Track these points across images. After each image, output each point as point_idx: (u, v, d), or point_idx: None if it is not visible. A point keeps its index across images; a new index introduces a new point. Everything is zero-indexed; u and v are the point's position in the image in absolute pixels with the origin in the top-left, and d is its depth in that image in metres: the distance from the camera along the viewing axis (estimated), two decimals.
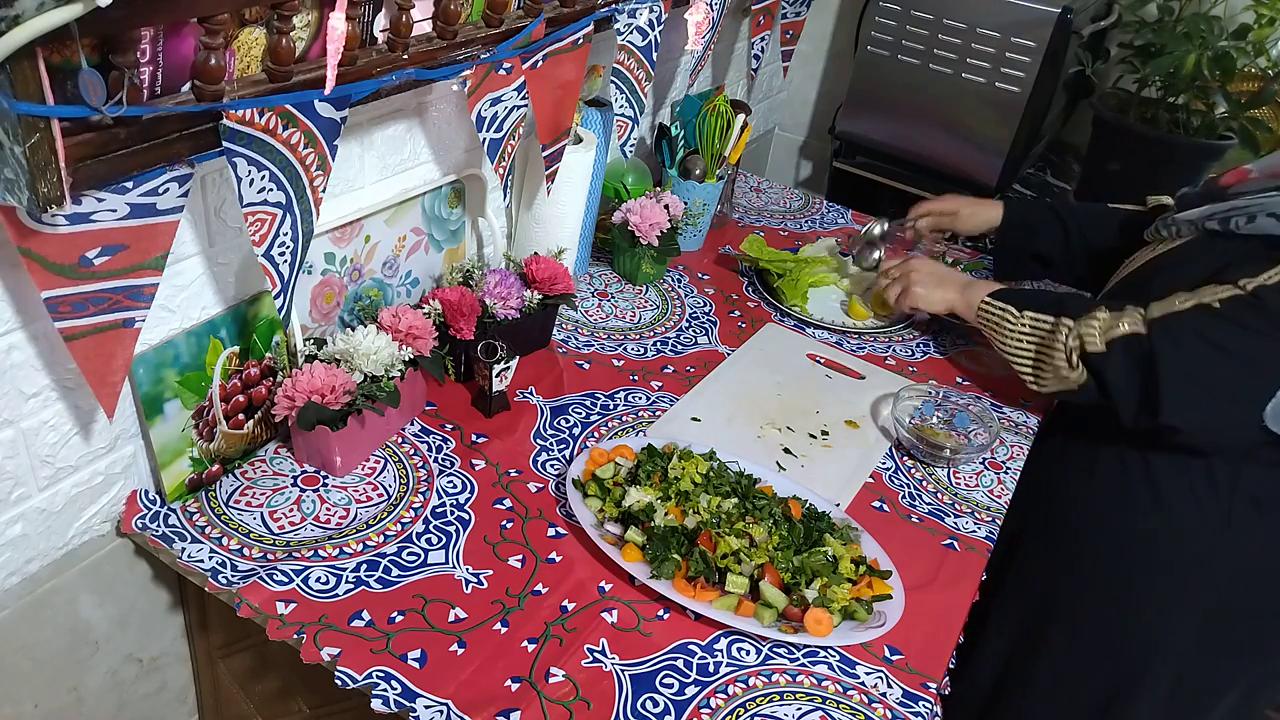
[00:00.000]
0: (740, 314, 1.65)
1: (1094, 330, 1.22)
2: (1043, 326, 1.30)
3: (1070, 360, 1.24)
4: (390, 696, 0.91)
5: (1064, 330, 1.25)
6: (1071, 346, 1.24)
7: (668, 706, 0.96)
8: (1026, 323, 1.31)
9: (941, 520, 1.26)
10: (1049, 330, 1.28)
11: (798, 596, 1.05)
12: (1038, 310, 1.31)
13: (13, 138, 0.69)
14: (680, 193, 1.74)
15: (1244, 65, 1.83)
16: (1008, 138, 1.96)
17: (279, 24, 0.88)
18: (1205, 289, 1.18)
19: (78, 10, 0.66)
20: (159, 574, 1.16)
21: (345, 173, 1.21)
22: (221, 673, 1.25)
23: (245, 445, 1.17)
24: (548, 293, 1.40)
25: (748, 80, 2.25)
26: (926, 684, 1.03)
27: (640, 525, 1.10)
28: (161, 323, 1.04)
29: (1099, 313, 1.24)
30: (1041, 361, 1.30)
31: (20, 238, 0.77)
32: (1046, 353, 1.29)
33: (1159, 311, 1.19)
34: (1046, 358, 1.29)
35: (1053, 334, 1.28)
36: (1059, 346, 1.26)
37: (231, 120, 0.86)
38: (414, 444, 1.24)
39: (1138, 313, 1.21)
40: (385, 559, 1.06)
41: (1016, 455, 1.41)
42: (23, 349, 0.91)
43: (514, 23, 1.20)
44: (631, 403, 1.38)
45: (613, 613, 1.05)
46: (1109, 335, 1.21)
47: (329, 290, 1.25)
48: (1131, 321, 1.21)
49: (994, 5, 1.88)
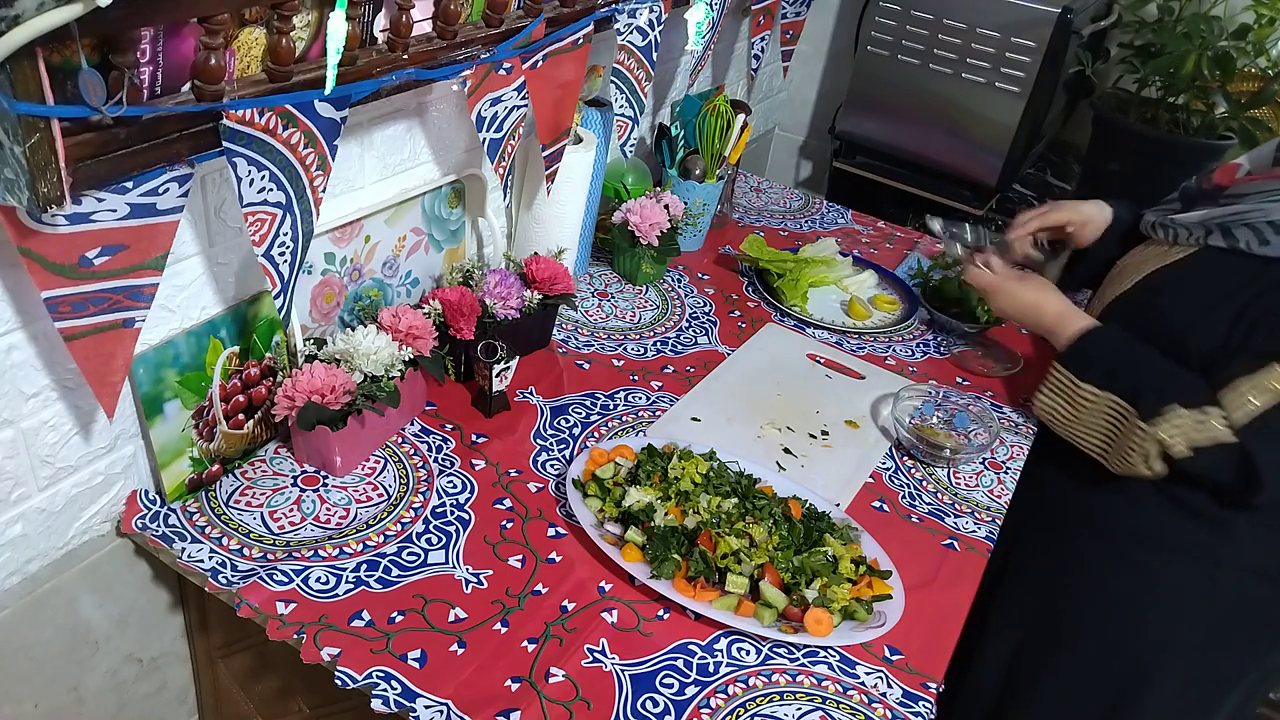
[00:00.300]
0: (740, 314, 1.65)
1: (1177, 436, 1.14)
2: (1115, 411, 1.20)
3: (1149, 462, 1.17)
4: (390, 696, 0.91)
5: (1136, 433, 1.17)
6: (1150, 451, 1.17)
7: (668, 706, 0.96)
8: (1100, 401, 1.22)
9: (941, 520, 1.26)
10: (1121, 418, 1.20)
11: (798, 596, 1.05)
12: (1103, 385, 1.21)
13: (13, 138, 0.69)
14: (680, 193, 1.74)
15: (1244, 65, 1.83)
16: (1008, 138, 1.96)
17: (279, 24, 0.88)
18: (1269, 374, 1.11)
19: (78, 10, 0.66)
20: (159, 574, 1.16)
21: (345, 173, 1.21)
22: (221, 673, 1.25)
23: (245, 445, 1.17)
24: (548, 293, 1.40)
25: (748, 80, 2.25)
26: (926, 684, 1.03)
27: (640, 525, 1.10)
28: (161, 323, 1.04)
29: (1178, 415, 1.14)
30: (1111, 448, 1.22)
31: (20, 238, 0.77)
32: (1119, 442, 1.21)
33: (1240, 416, 1.12)
34: (1116, 446, 1.21)
35: (1125, 426, 1.19)
36: (1134, 447, 1.18)
37: (231, 120, 0.86)
38: (414, 444, 1.24)
39: (1220, 417, 1.13)
40: (385, 559, 1.06)
41: (1016, 455, 1.41)
42: (23, 349, 0.91)
43: (514, 23, 1.20)
44: (631, 403, 1.38)
45: (613, 613, 1.05)
46: (1193, 441, 1.14)
47: (329, 290, 1.25)
48: (1217, 426, 1.13)
49: (994, 5, 1.88)
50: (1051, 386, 1.28)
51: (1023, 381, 1.57)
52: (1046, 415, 1.29)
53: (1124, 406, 1.19)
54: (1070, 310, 1.31)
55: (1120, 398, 1.20)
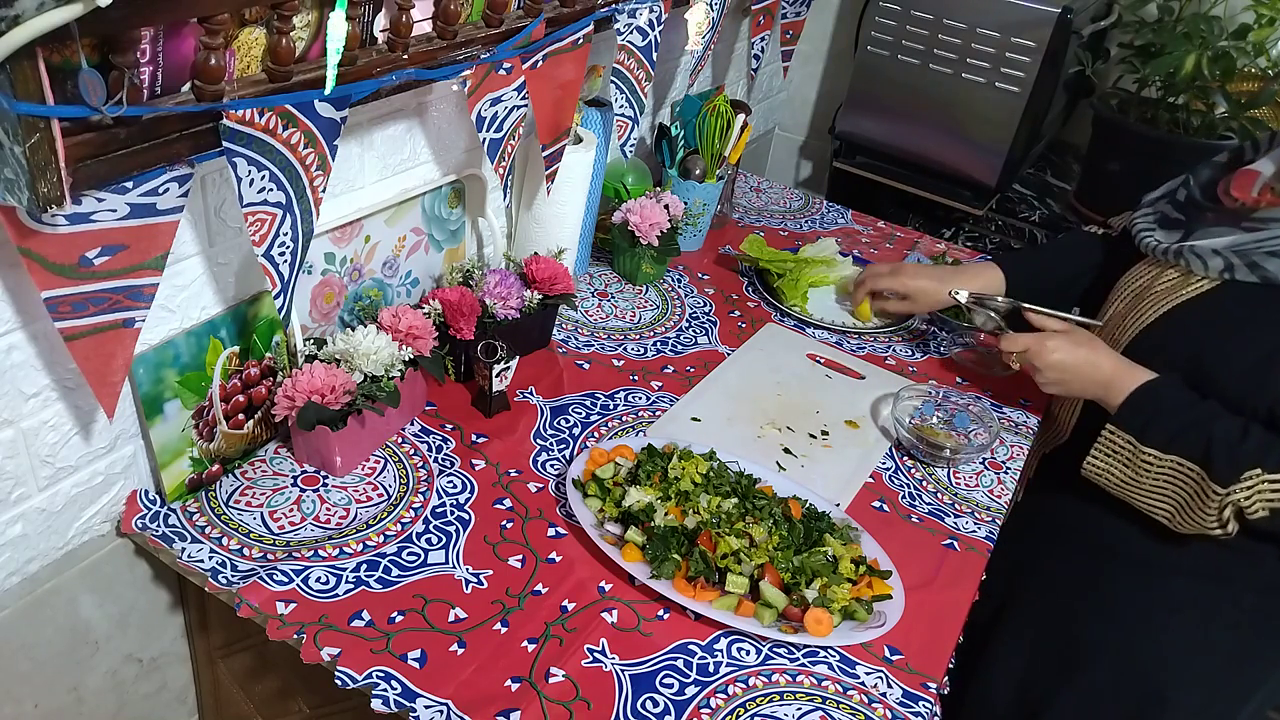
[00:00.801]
0: (740, 314, 1.65)
1: (1257, 501, 1.10)
2: (1185, 475, 1.15)
3: (1225, 526, 1.13)
4: (390, 696, 0.91)
5: (1212, 498, 1.12)
6: (1226, 517, 1.12)
7: (668, 706, 0.96)
8: (1166, 463, 1.16)
9: (941, 520, 1.26)
10: (1192, 481, 1.14)
11: (798, 596, 1.05)
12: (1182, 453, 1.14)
13: (13, 138, 0.69)
14: (680, 193, 1.74)
15: (1244, 65, 1.83)
16: (1008, 138, 1.96)
17: (279, 24, 0.88)
18: None
19: (78, 10, 0.66)
20: (159, 574, 1.16)
21: (345, 173, 1.21)
22: (221, 673, 1.25)
23: (245, 445, 1.17)
24: (548, 293, 1.40)
25: (748, 80, 2.25)
26: (926, 684, 1.03)
27: (640, 525, 1.10)
28: (161, 323, 1.04)
29: (1254, 477, 1.10)
30: (1181, 512, 1.17)
31: (20, 238, 0.77)
32: (1192, 506, 1.15)
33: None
34: (1188, 510, 1.16)
35: (1196, 488, 1.14)
36: (1210, 511, 1.13)
37: (231, 120, 0.86)
38: (414, 444, 1.24)
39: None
40: (385, 559, 1.06)
41: (1016, 455, 1.41)
42: (23, 349, 0.91)
43: (514, 23, 1.20)
44: (631, 403, 1.38)
45: (613, 613, 1.05)
46: (1274, 505, 1.09)
47: (329, 290, 1.25)
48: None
49: (994, 5, 1.88)
50: (1107, 449, 1.21)
51: (1023, 381, 1.57)
52: (1102, 480, 1.23)
53: (1193, 470, 1.13)
54: (1124, 365, 1.22)
55: (1190, 460, 1.14)
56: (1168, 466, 1.16)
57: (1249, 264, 1.15)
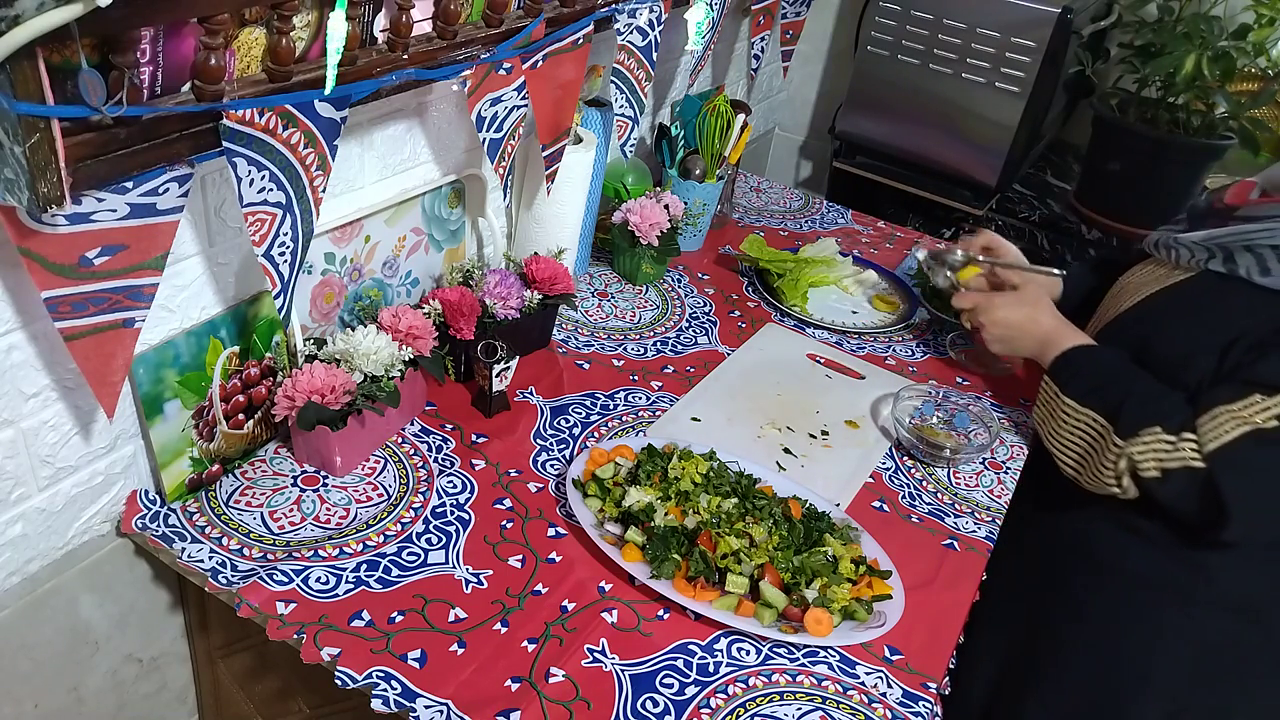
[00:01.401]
0: (740, 314, 1.65)
1: (1148, 457, 1.13)
2: (1093, 428, 1.18)
3: (1119, 482, 1.16)
4: (390, 696, 0.91)
5: (1112, 450, 1.15)
6: (1122, 469, 1.15)
7: (668, 706, 0.96)
8: (1081, 417, 1.20)
9: (941, 520, 1.26)
10: (1098, 436, 1.18)
11: (798, 596, 1.05)
12: (1095, 406, 1.18)
13: (13, 138, 0.69)
14: (680, 193, 1.74)
15: (1244, 65, 1.83)
16: (1008, 138, 1.96)
17: (279, 24, 0.88)
18: (1251, 403, 1.08)
19: (78, 10, 0.66)
20: (159, 574, 1.16)
21: (345, 173, 1.21)
22: (221, 673, 1.25)
23: (245, 445, 1.17)
24: (548, 293, 1.40)
25: (748, 80, 2.25)
26: (926, 684, 1.03)
27: (640, 525, 1.10)
28: (161, 323, 1.04)
29: (1154, 435, 1.13)
30: (1084, 466, 1.21)
31: (20, 238, 0.77)
32: (1093, 460, 1.19)
33: (1213, 442, 1.09)
34: (1088, 465, 1.20)
35: (1101, 444, 1.17)
36: (1106, 464, 1.17)
37: (231, 120, 0.86)
38: (414, 444, 1.24)
39: (1194, 443, 1.10)
40: (385, 559, 1.06)
41: (1016, 455, 1.41)
42: (23, 349, 0.91)
43: (514, 23, 1.21)
44: (631, 403, 1.38)
45: (613, 613, 1.05)
46: (1165, 464, 1.12)
47: (329, 290, 1.25)
48: (1189, 450, 1.10)
49: (994, 5, 1.88)
50: (1040, 399, 1.27)
51: (1023, 381, 1.57)
52: (1038, 428, 1.28)
53: (1102, 424, 1.17)
54: (1065, 326, 1.29)
55: (1099, 414, 1.18)
56: (1083, 420, 1.19)
57: (1225, 255, 1.17)
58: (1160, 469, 1.12)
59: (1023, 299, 1.34)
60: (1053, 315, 1.31)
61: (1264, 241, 1.13)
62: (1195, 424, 1.11)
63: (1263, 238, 1.13)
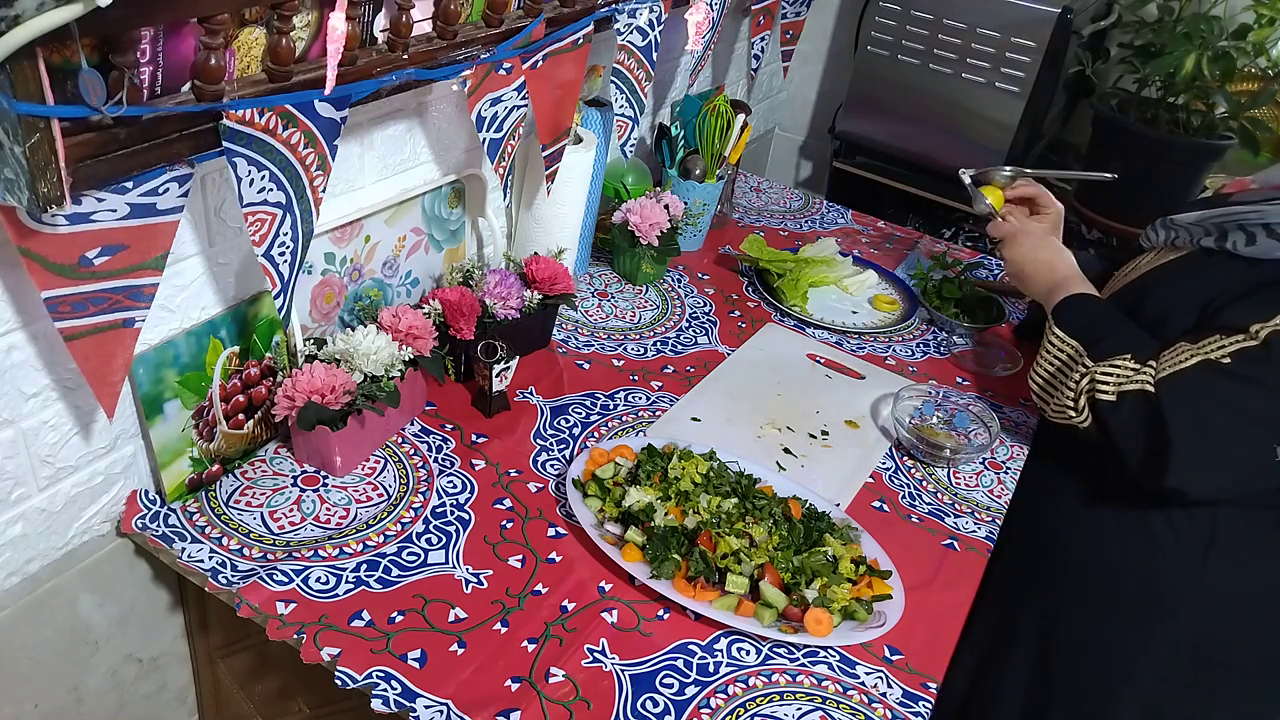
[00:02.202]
0: (740, 314, 1.65)
1: (1109, 379, 1.16)
2: (1065, 351, 1.23)
3: (1077, 403, 1.19)
4: (390, 696, 0.91)
5: (1080, 370, 1.19)
6: (1083, 388, 1.18)
7: (668, 706, 0.96)
8: (1064, 346, 1.24)
9: (941, 520, 1.26)
10: (1071, 359, 1.22)
11: (798, 596, 1.05)
12: (1072, 332, 1.24)
13: (13, 138, 0.69)
14: (680, 193, 1.74)
15: (1244, 65, 1.83)
16: (1008, 138, 1.96)
17: (279, 24, 0.88)
18: (1210, 340, 1.11)
19: (78, 10, 0.66)
20: (159, 574, 1.16)
21: (345, 173, 1.21)
22: (221, 673, 1.25)
23: (245, 445, 1.17)
24: (548, 293, 1.40)
25: (748, 80, 2.25)
26: (926, 684, 1.03)
27: (640, 525, 1.10)
28: (161, 323, 1.04)
29: (1122, 361, 1.17)
30: (1052, 388, 1.24)
31: (20, 238, 0.77)
32: (1058, 381, 1.23)
33: (1167, 369, 1.12)
34: (1056, 387, 1.23)
35: (1072, 365, 1.21)
36: (1070, 384, 1.20)
37: (231, 120, 0.86)
38: (414, 444, 1.24)
39: (1151, 369, 1.14)
40: (385, 559, 1.06)
41: (1016, 455, 1.41)
42: (23, 349, 0.91)
43: (514, 23, 1.20)
44: (631, 403, 1.38)
45: (613, 613, 1.05)
46: (1122, 387, 1.15)
47: (329, 290, 1.25)
48: (1146, 377, 1.14)
49: (994, 5, 1.88)
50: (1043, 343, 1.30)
51: (1023, 381, 1.57)
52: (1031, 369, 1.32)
53: (1078, 348, 1.22)
54: (1078, 277, 1.33)
55: (1079, 342, 1.22)
56: (1065, 348, 1.24)
57: (1219, 234, 1.20)
58: (1117, 392, 1.15)
59: (1049, 243, 1.39)
60: (1070, 265, 1.35)
61: (1255, 221, 1.17)
62: (1159, 356, 1.15)
63: (1254, 217, 1.17)
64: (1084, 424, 1.20)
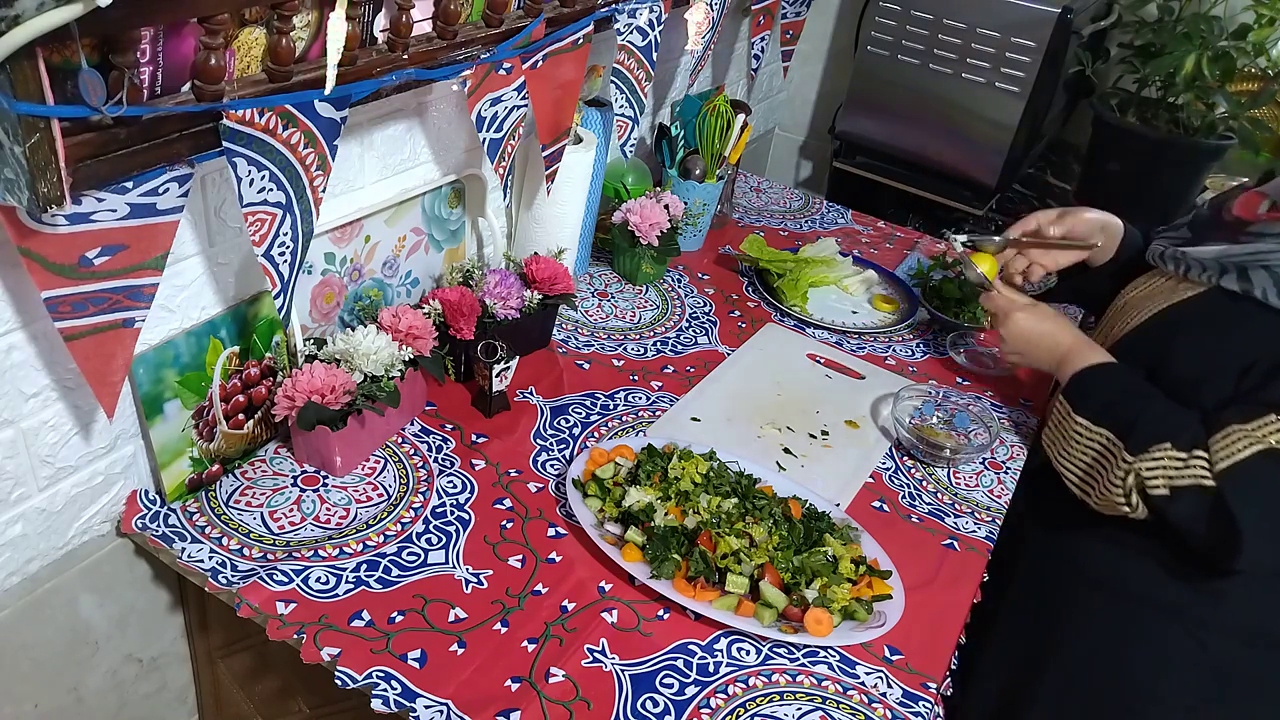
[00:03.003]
0: (740, 314, 1.65)
1: (1156, 473, 1.10)
2: (1103, 446, 1.16)
3: (1129, 499, 1.13)
4: (390, 696, 0.91)
5: (1121, 467, 1.13)
6: (1130, 485, 1.12)
7: (668, 706, 0.96)
8: (1093, 436, 1.17)
9: (941, 520, 1.26)
10: (1107, 453, 1.15)
11: (798, 596, 1.05)
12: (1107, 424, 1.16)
13: (13, 138, 0.69)
14: (680, 193, 1.74)
15: (1244, 65, 1.83)
16: (1008, 138, 1.96)
17: (279, 24, 0.88)
18: (1264, 423, 1.05)
19: (78, 10, 0.66)
20: (159, 574, 1.16)
21: (345, 173, 1.21)
22: (221, 673, 1.25)
23: (245, 445, 1.17)
24: (548, 293, 1.40)
25: (748, 80, 2.25)
26: (926, 684, 1.03)
27: (640, 525, 1.10)
28: (161, 323, 1.04)
29: (1163, 451, 1.10)
30: (1093, 480, 1.18)
31: (20, 238, 0.77)
32: (1098, 475, 1.16)
33: (1224, 460, 1.06)
34: (1097, 480, 1.17)
35: (1110, 460, 1.14)
36: (1114, 481, 1.14)
37: (231, 120, 0.86)
38: (414, 444, 1.24)
39: (1205, 461, 1.07)
40: (385, 559, 1.06)
41: (1016, 455, 1.41)
42: (23, 349, 0.91)
43: (514, 23, 1.21)
44: (631, 403, 1.38)
45: (613, 613, 1.05)
46: (1175, 482, 1.09)
47: (329, 290, 1.25)
48: (1200, 469, 1.07)
49: (994, 5, 1.88)
50: (1052, 420, 1.24)
51: (1023, 382, 1.57)
52: (1046, 449, 1.25)
53: (1112, 440, 1.15)
54: (1083, 344, 1.26)
55: (1110, 432, 1.15)
56: (1095, 439, 1.17)
57: (1239, 273, 1.14)
58: (1169, 486, 1.09)
59: (1045, 313, 1.32)
60: (1073, 334, 1.28)
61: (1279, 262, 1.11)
62: (1208, 442, 1.08)
63: (1277, 259, 1.11)
64: (1137, 515, 1.14)
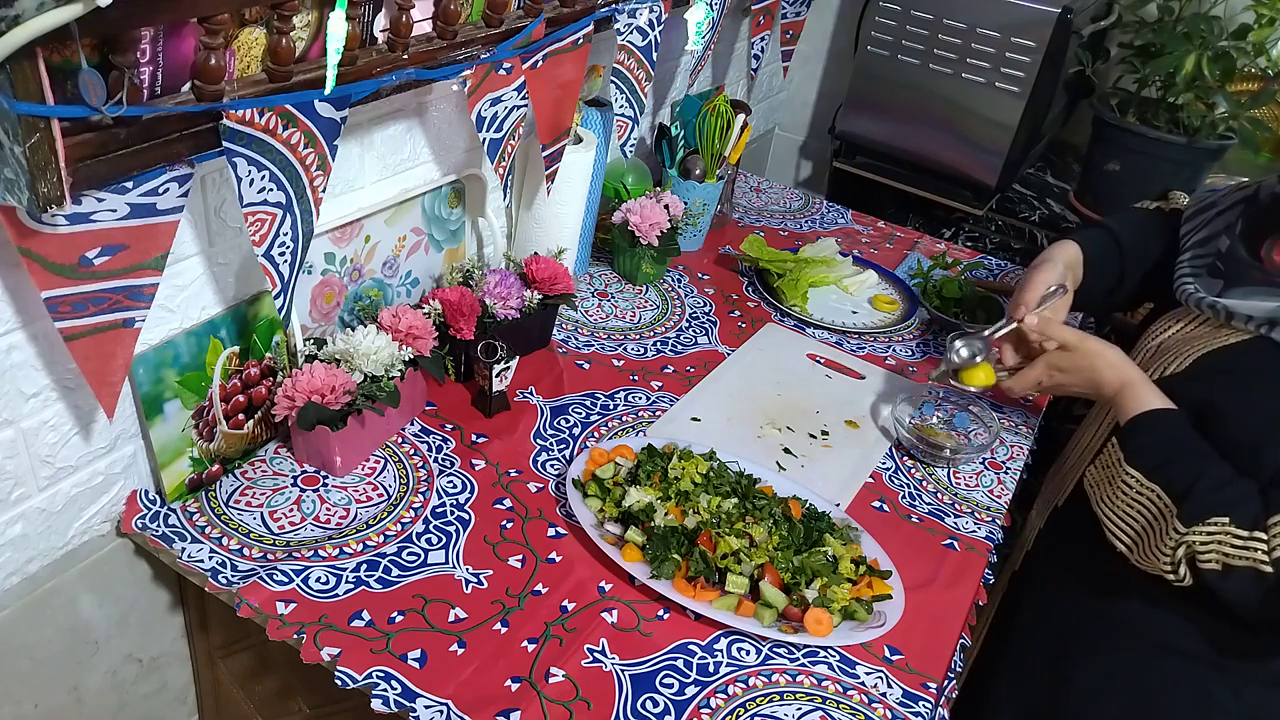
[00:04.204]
0: (740, 314, 1.65)
1: (1209, 548, 1.03)
2: (1155, 506, 1.08)
3: (1176, 570, 1.06)
4: (390, 696, 0.91)
5: (1172, 536, 1.05)
6: (1180, 557, 1.05)
7: (668, 706, 0.96)
8: (1144, 491, 1.09)
9: (941, 520, 1.26)
10: (1158, 515, 1.08)
11: (798, 596, 1.05)
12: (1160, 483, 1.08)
13: (13, 138, 0.69)
14: (680, 193, 1.74)
15: (1244, 65, 1.83)
16: (1008, 138, 1.96)
17: (279, 24, 0.88)
18: None
19: (78, 10, 0.66)
20: (159, 574, 1.16)
21: (345, 173, 1.21)
22: (221, 673, 1.25)
23: (245, 445, 1.17)
24: (548, 293, 1.40)
25: (748, 80, 2.25)
26: (926, 684, 1.03)
27: (640, 525, 1.10)
28: (161, 323, 1.04)
29: (1219, 525, 1.03)
30: (1139, 544, 1.11)
31: (20, 238, 0.77)
32: (1149, 539, 1.09)
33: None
34: (1146, 543, 1.10)
35: (1161, 524, 1.07)
36: (1165, 549, 1.06)
37: (231, 120, 0.86)
38: (414, 444, 1.24)
39: (1265, 545, 1.01)
40: (385, 559, 1.06)
41: (1016, 455, 1.41)
42: (23, 349, 0.91)
43: (514, 23, 1.20)
44: (631, 403, 1.38)
45: (613, 613, 1.05)
46: (1229, 561, 1.02)
47: (329, 290, 1.25)
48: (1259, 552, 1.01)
49: (994, 5, 1.88)
50: (1101, 461, 1.17)
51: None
52: (1090, 490, 1.18)
53: (1165, 503, 1.07)
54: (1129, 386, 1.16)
55: (1165, 493, 1.07)
56: (1146, 495, 1.10)
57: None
58: (1223, 564, 1.03)
59: (1077, 367, 1.21)
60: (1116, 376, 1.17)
61: None
62: (1267, 523, 1.02)
63: None
64: (1183, 584, 1.07)
